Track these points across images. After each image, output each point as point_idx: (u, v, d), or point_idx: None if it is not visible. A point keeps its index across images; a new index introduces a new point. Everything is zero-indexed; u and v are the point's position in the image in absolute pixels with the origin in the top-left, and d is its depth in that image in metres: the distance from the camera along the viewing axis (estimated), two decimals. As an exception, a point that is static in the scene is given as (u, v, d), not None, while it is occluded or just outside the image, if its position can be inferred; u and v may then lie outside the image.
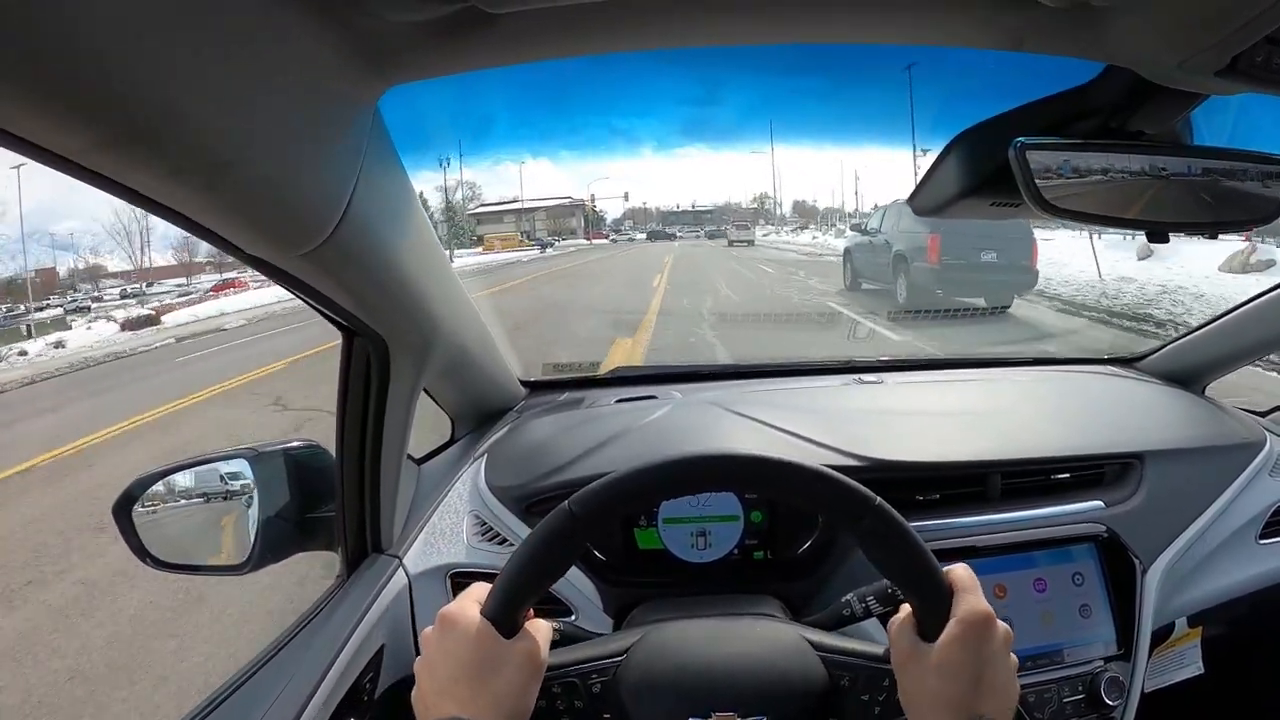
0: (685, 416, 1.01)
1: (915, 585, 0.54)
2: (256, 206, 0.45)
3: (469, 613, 0.53)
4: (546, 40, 0.48)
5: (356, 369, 0.73)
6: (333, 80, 0.45)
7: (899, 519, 0.54)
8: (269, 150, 0.42)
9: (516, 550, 0.54)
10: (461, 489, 0.90)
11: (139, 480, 0.83)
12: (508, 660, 0.52)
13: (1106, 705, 0.78)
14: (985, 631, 0.53)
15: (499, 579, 0.54)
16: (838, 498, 0.54)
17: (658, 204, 27.48)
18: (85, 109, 0.32)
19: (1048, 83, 0.61)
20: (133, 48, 0.31)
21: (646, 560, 0.86)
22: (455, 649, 0.52)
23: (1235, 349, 1.14)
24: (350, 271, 0.58)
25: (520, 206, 24.57)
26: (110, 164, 0.37)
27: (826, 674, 0.57)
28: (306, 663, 0.68)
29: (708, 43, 0.50)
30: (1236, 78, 0.49)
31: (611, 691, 0.57)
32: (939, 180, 0.63)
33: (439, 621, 0.54)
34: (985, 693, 0.51)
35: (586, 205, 24.24)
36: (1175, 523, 0.91)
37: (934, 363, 1.36)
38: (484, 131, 23.77)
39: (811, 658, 0.58)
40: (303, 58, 0.42)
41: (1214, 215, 0.59)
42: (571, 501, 0.54)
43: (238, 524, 0.83)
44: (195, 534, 0.86)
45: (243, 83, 0.38)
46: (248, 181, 0.43)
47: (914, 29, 0.51)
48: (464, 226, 23.88)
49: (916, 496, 0.89)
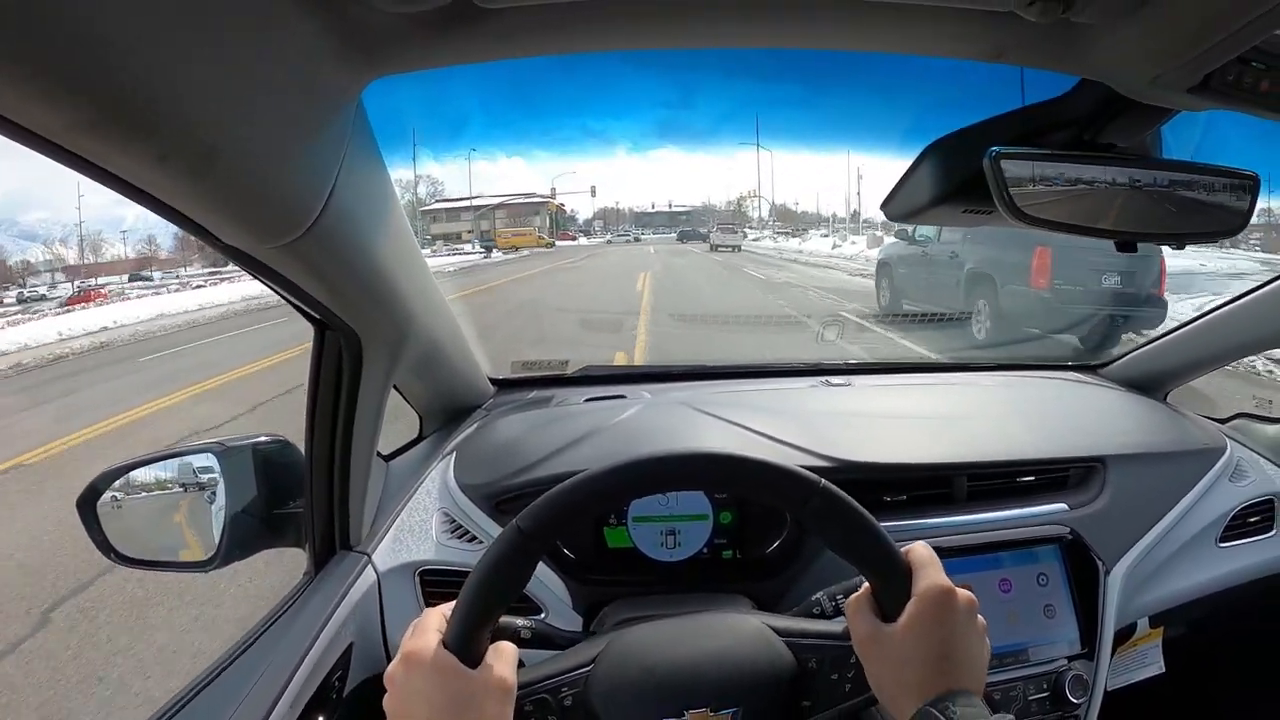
0: (655, 416, 1.02)
1: (871, 562, 0.54)
2: (239, 195, 0.45)
3: (431, 647, 0.52)
4: (535, 36, 0.48)
5: (328, 363, 0.72)
6: (321, 69, 0.45)
7: (846, 497, 0.54)
8: (255, 138, 0.42)
9: (471, 575, 0.53)
10: (430, 486, 0.90)
11: (104, 474, 0.81)
12: (478, 692, 0.52)
13: (1070, 703, 0.79)
14: (946, 606, 0.52)
15: (457, 606, 0.53)
16: (783, 483, 0.54)
17: (631, 204, 26.03)
18: (69, 86, 0.31)
19: (1023, 94, 0.62)
20: (121, 28, 0.31)
21: (616, 559, 0.86)
22: (425, 688, 0.51)
23: (1195, 358, 1.16)
24: (328, 264, 0.58)
25: (477, 204, 22.95)
26: (92, 146, 0.36)
27: (793, 658, 0.57)
28: (275, 661, 0.67)
29: (692, 44, 0.51)
30: (1208, 95, 0.51)
31: (584, 702, 0.57)
32: (913, 186, 0.64)
33: (403, 660, 0.53)
34: (954, 668, 0.50)
35: (550, 203, 22.40)
36: (1137, 526, 0.93)
37: (902, 366, 1.38)
38: (454, 127, 22.75)
39: (777, 644, 0.58)
40: (293, 45, 0.41)
41: (1182, 227, 0.61)
42: (519, 519, 0.53)
43: (204, 519, 0.81)
44: (161, 529, 0.84)
45: (232, 69, 0.38)
46: (232, 170, 0.42)
47: (895, 39, 0.52)
48: (417, 224, 22.29)
49: (884, 498, 0.90)
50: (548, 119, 24.28)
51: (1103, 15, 0.44)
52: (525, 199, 22.45)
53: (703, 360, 1.44)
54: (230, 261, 0.55)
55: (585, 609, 0.81)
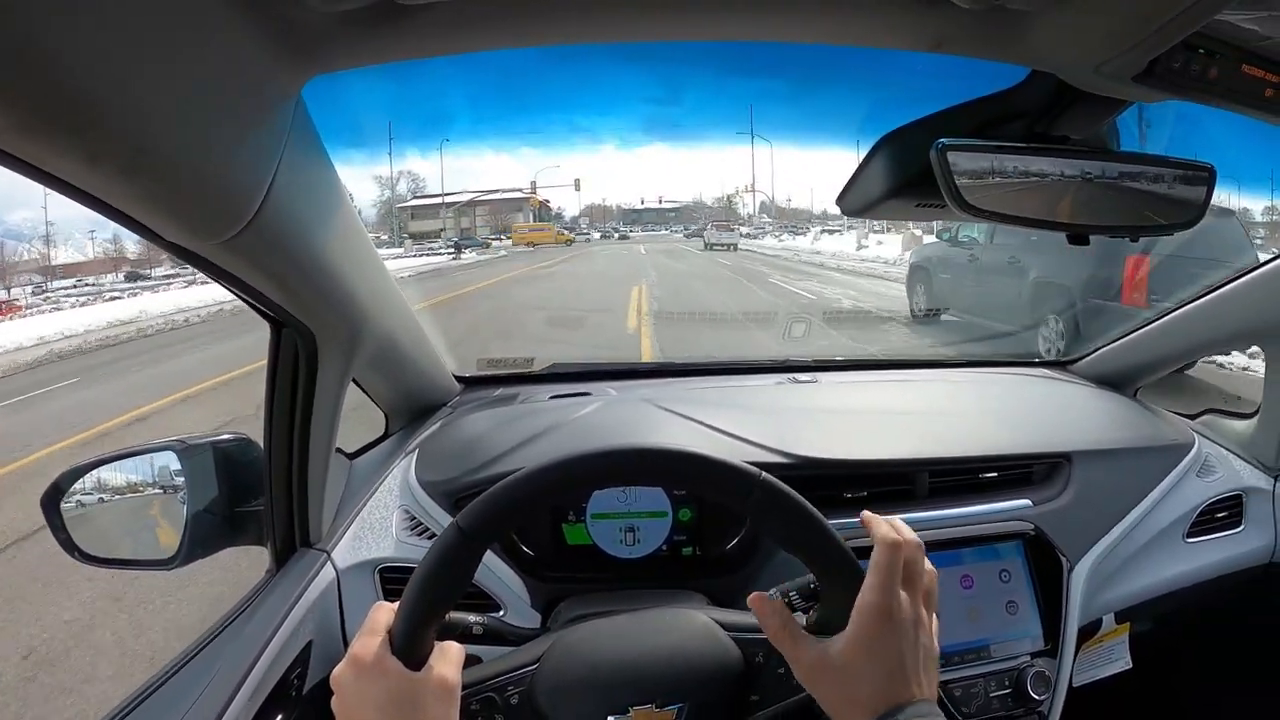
0: (616, 412, 1.02)
1: (814, 556, 0.54)
2: (174, 193, 0.45)
3: (376, 650, 0.52)
4: (460, 33, 0.48)
5: (285, 361, 0.72)
6: (254, 68, 0.45)
7: (788, 490, 0.53)
8: (187, 137, 0.42)
9: (414, 575, 0.53)
10: (392, 484, 0.90)
11: (67, 472, 0.81)
12: (424, 694, 0.52)
13: (1033, 700, 0.79)
14: (894, 617, 0.50)
15: (400, 606, 0.53)
16: (725, 476, 0.54)
17: (618, 201, 24.93)
18: (4, 90, 0.32)
19: (976, 86, 0.62)
20: (50, 30, 0.31)
21: (576, 556, 0.86)
22: (371, 692, 0.51)
23: (1165, 354, 1.17)
24: (273, 260, 0.58)
25: (453, 200, 21.50)
26: (28, 148, 0.36)
27: (740, 653, 0.58)
28: (231, 657, 0.67)
29: (618, 38, 0.51)
30: (1155, 83, 0.50)
31: (530, 700, 0.57)
32: (866, 180, 0.64)
33: (349, 663, 0.53)
34: (907, 678, 0.49)
35: (532, 198, 21.16)
36: (1102, 521, 0.93)
37: (869, 363, 1.37)
38: (438, 124, 22.00)
39: (723, 639, 0.58)
40: (224, 45, 0.42)
41: (1135, 219, 0.60)
42: (459, 518, 0.53)
43: (166, 517, 0.81)
44: (123, 527, 0.84)
45: (162, 69, 0.38)
46: (165, 168, 0.42)
47: (833, 30, 0.52)
48: (392, 221, 21.13)
49: (844, 494, 0.90)
50: (534, 115, 23.68)
51: (1040, 1, 0.43)
52: (505, 195, 21.45)
53: (671, 358, 1.43)
54: (178, 259, 0.56)
55: (544, 606, 0.81)
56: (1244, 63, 0.51)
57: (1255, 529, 1.05)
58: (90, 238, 26.07)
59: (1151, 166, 0.59)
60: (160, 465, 0.81)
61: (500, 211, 21.68)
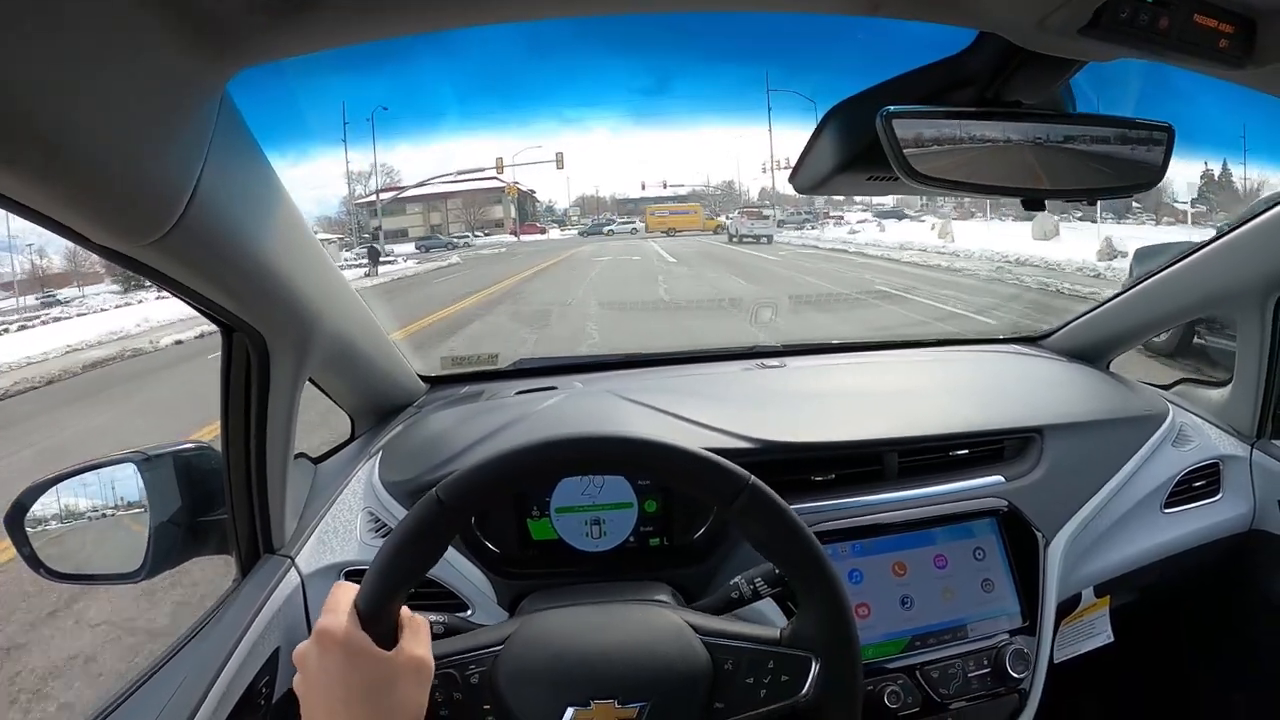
0: (580, 404, 1.01)
1: (794, 566, 0.55)
2: (96, 194, 0.44)
3: (345, 626, 0.51)
4: (387, 18, 0.47)
5: (237, 366, 0.71)
6: (172, 64, 0.44)
7: (775, 497, 0.54)
8: (105, 136, 0.41)
9: (385, 542, 0.53)
10: (356, 486, 0.89)
11: (30, 489, 0.80)
12: (396, 674, 0.51)
13: (1012, 678, 0.79)
14: None
15: (369, 572, 0.52)
16: (711, 477, 0.54)
17: (613, 191, 21.60)
18: None
19: (925, 53, 0.60)
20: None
21: (541, 551, 0.85)
22: (339, 670, 0.50)
23: (1134, 325, 1.16)
24: (207, 260, 0.57)
25: (417, 194, 18.68)
26: None
27: (709, 658, 0.56)
28: (197, 667, 0.66)
29: (550, 13, 0.49)
30: (1103, 35, 0.49)
31: (490, 682, 0.56)
32: (816, 156, 0.63)
33: (315, 639, 0.51)
34: None
35: (510, 186, 17.60)
36: (1076, 495, 0.92)
37: (837, 346, 1.36)
38: (423, 115, 20.40)
39: (694, 642, 0.57)
40: (140, 41, 0.41)
41: (1092, 182, 0.59)
42: (439, 489, 0.53)
43: (130, 530, 0.80)
44: (87, 542, 0.83)
45: (76, 67, 0.37)
46: (85, 169, 0.42)
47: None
48: (360, 222, 18.05)
49: (812, 477, 0.89)
50: (518, 102, 22.59)
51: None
52: (477, 180, 17.96)
53: (637, 349, 1.41)
54: (110, 262, 0.55)
55: (510, 603, 0.80)
56: (1196, 11, 0.49)
57: (1233, 496, 1.05)
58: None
59: (1107, 128, 0.58)
60: (121, 477, 0.80)
61: (475, 204, 18.98)
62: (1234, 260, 0.99)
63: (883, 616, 0.81)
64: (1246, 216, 0.97)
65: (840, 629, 0.55)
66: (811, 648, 0.56)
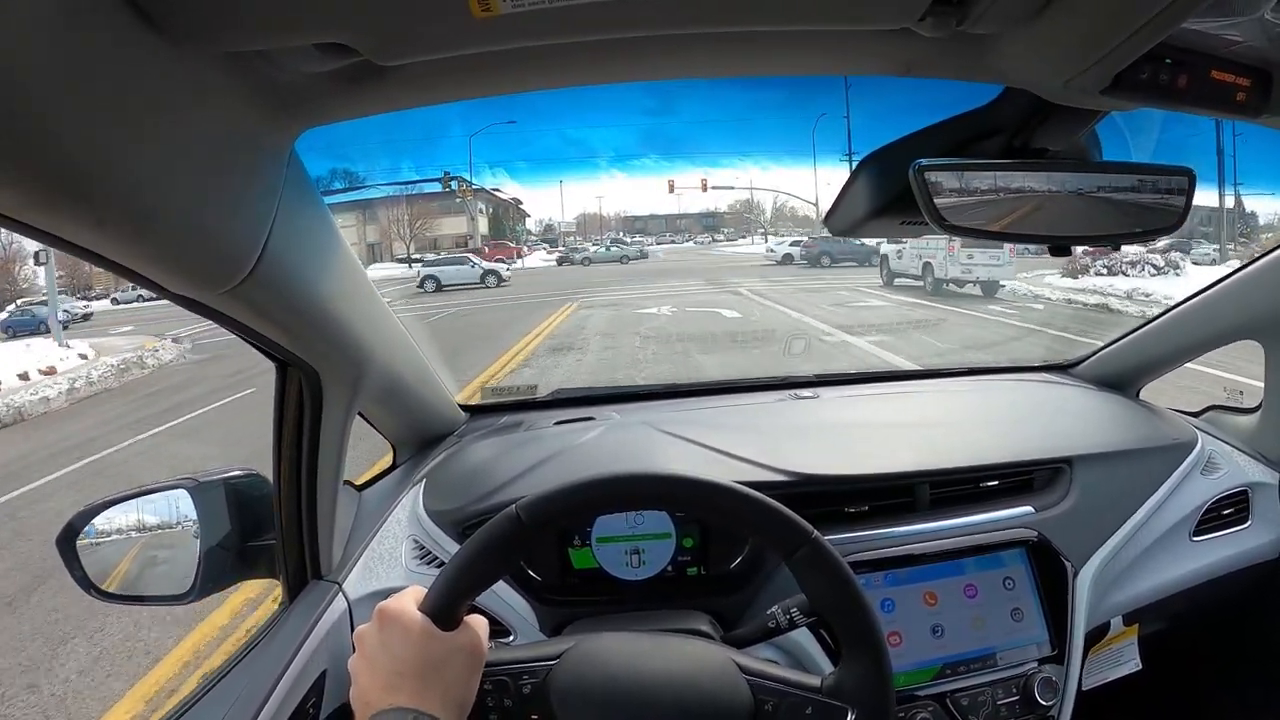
0: (618, 437, 1.03)
1: (845, 620, 0.57)
2: (177, 250, 0.47)
3: (408, 609, 0.54)
4: (435, 86, 0.52)
5: (290, 399, 0.74)
6: (246, 129, 0.48)
7: (835, 553, 0.57)
8: (187, 197, 0.45)
9: (460, 550, 0.56)
10: (400, 514, 0.91)
11: (81, 513, 0.83)
12: (452, 652, 0.53)
13: (1041, 706, 0.79)
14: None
15: (440, 575, 0.55)
16: (775, 525, 0.57)
17: (620, 210, 18.54)
18: (16, 171, 0.34)
19: (956, 104, 0.63)
20: (49, 114, 0.34)
21: (582, 580, 0.87)
22: (397, 644, 0.52)
23: (1164, 353, 1.16)
24: (275, 306, 0.60)
25: (355, 197, 14.52)
26: (42, 219, 0.39)
27: (751, 697, 0.58)
28: (247, 690, 0.68)
29: (595, 81, 0.52)
30: (1123, 94, 0.51)
31: (541, 694, 0.58)
32: (850, 201, 0.65)
33: (377, 617, 0.54)
34: None
35: (463, 186, 13.29)
36: (1106, 525, 0.93)
37: (870, 376, 1.37)
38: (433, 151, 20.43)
39: (739, 680, 0.59)
40: (219, 110, 0.44)
41: (1116, 227, 0.61)
42: (519, 507, 0.55)
43: (180, 553, 0.82)
44: (138, 564, 0.85)
45: (162, 138, 0.41)
46: (168, 227, 0.45)
47: (809, 62, 0.53)
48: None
49: (846, 509, 0.90)
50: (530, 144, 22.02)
51: (1000, 24, 0.44)
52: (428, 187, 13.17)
53: (672, 379, 1.43)
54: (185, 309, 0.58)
55: (552, 630, 0.82)
56: (1213, 69, 0.51)
57: (1263, 524, 1.04)
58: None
59: (1130, 175, 0.60)
60: (172, 502, 0.83)
61: (427, 216, 13.85)
62: (1264, 288, 1.00)
63: (914, 645, 0.82)
64: (1277, 243, 0.98)
65: (880, 688, 0.57)
66: (850, 701, 0.57)
